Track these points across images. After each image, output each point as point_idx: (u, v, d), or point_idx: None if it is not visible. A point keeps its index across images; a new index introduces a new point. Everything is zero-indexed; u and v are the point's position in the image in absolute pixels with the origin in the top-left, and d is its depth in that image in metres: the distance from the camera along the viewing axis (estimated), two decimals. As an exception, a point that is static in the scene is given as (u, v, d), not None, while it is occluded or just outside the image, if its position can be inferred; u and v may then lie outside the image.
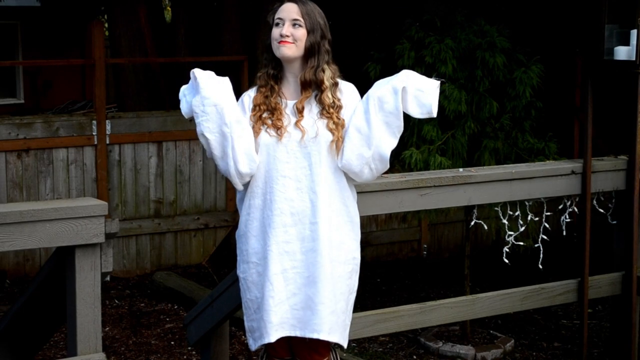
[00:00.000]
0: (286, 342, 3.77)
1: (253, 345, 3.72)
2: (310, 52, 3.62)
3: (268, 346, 3.78)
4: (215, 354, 4.77)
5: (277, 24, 3.61)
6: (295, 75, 3.67)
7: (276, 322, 3.63)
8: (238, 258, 3.77)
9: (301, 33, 3.60)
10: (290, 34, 3.59)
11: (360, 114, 3.64)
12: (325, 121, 3.62)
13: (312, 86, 3.64)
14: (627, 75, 5.29)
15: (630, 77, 5.26)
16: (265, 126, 3.63)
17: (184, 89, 3.69)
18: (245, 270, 3.72)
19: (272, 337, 3.63)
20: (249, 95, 3.74)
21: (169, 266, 8.54)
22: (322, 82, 3.63)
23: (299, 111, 3.63)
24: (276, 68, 3.67)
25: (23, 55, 13.94)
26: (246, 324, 3.76)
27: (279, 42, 3.59)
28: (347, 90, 3.71)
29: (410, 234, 9.09)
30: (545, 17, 9.86)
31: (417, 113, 3.64)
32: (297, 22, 3.60)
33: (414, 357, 6.37)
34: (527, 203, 5.07)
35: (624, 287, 5.35)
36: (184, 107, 3.67)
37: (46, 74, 13.98)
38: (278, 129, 3.61)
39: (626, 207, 5.31)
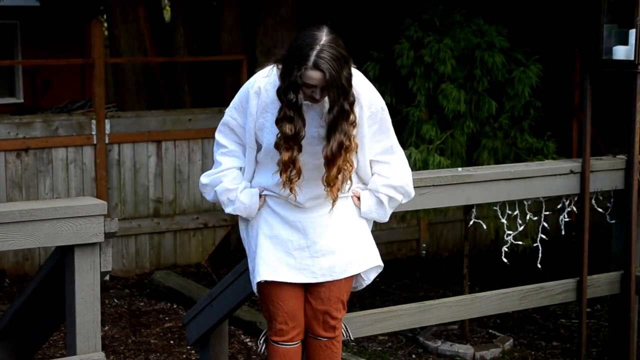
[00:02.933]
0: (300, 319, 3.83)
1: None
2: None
3: (276, 329, 3.82)
4: (214, 353, 4.78)
5: (308, 86, 3.53)
6: None
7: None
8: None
9: (331, 95, 3.55)
10: (321, 97, 3.56)
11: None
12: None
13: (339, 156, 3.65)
14: (625, 75, 5.29)
15: (628, 77, 5.27)
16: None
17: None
18: None
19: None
20: (264, 88, 3.69)
21: (168, 265, 8.55)
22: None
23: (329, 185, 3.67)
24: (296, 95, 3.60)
25: (22, 55, 13.94)
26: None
27: (310, 98, 3.58)
28: (359, 94, 3.69)
29: (409, 233, 9.09)
30: (544, 16, 9.87)
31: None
32: (325, 89, 3.53)
33: (413, 356, 6.38)
34: (525, 202, 5.07)
35: (622, 287, 5.35)
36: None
37: (45, 74, 13.98)
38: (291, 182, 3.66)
39: (625, 206, 5.32)
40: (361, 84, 3.70)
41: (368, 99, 3.72)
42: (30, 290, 4.34)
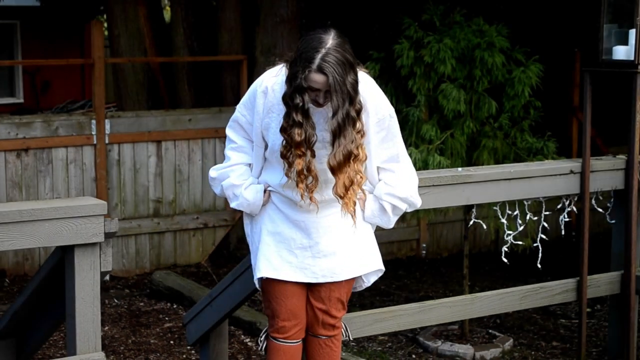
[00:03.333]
0: (301, 317, 3.84)
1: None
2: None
3: (278, 326, 3.83)
4: (214, 353, 4.78)
5: (312, 89, 3.52)
6: None
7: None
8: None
9: (335, 100, 3.52)
10: (324, 102, 3.56)
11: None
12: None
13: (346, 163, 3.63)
14: (625, 75, 5.30)
15: (628, 77, 5.27)
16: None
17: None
18: None
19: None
20: (271, 88, 3.69)
21: (168, 265, 8.55)
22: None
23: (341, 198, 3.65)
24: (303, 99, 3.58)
25: (22, 55, 13.94)
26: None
27: (314, 102, 3.57)
28: (366, 101, 3.67)
29: (409, 233, 9.10)
30: (544, 16, 9.87)
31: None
32: (329, 93, 3.52)
33: (413, 356, 6.38)
34: (525, 202, 5.08)
35: (622, 286, 5.36)
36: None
37: (45, 74, 13.98)
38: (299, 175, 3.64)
39: (625, 206, 5.32)
40: (368, 90, 3.69)
41: (375, 106, 3.70)
42: (30, 290, 4.34)
